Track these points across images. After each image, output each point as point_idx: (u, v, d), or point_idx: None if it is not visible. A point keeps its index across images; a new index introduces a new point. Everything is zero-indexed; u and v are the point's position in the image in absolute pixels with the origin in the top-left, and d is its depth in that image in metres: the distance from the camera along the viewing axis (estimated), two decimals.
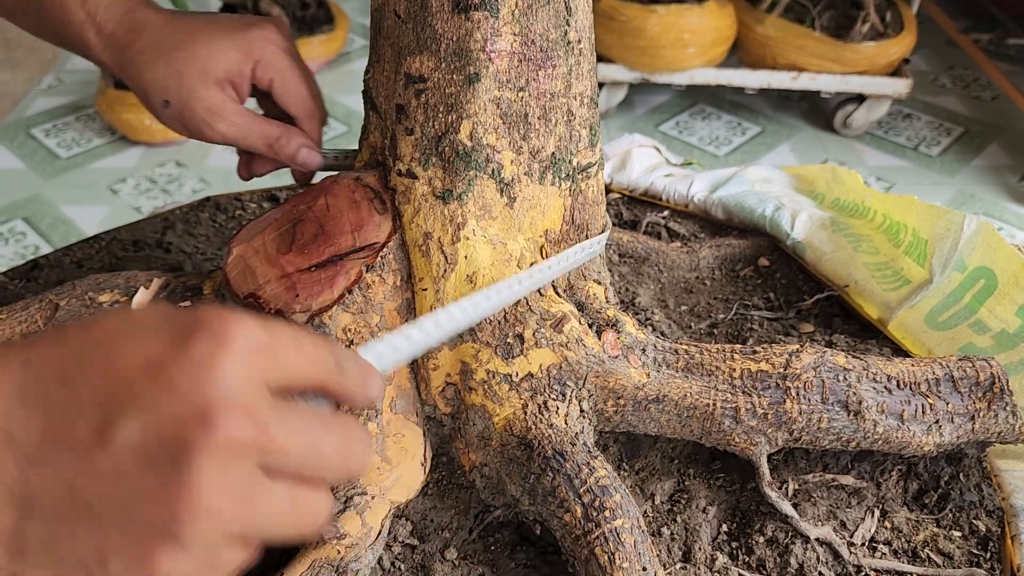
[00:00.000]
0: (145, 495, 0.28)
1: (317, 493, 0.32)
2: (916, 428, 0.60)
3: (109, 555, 0.29)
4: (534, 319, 0.58)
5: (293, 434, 0.31)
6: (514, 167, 0.58)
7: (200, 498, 0.28)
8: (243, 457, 0.29)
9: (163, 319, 0.31)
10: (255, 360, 0.30)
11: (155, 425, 0.28)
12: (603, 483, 0.53)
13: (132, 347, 0.30)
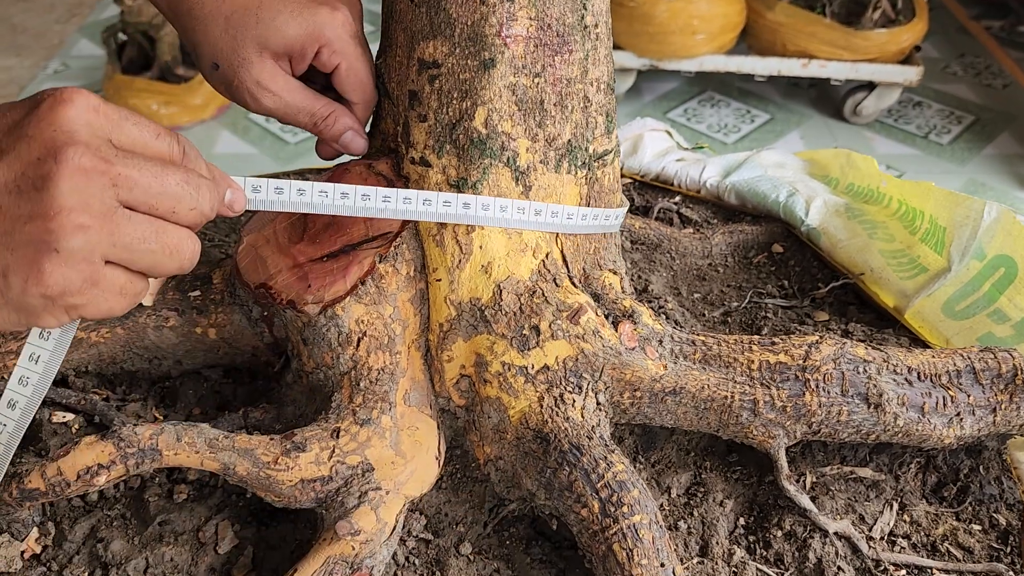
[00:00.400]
0: (23, 219, 0.36)
1: (178, 228, 0.40)
2: (937, 421, 0.59)
3: (10, 275, 0.37)
4: (550, 310, 0.57)
5: (138, 169, 0.38)
6: (529, 155, 0.57)
7: (65, 213, 0.36)
8: (95, 184, 0.37)
9: (19, 101, 0.39)
10: (94, 115, 0.38)
11: (17, 166, 0.36)
12: (621, 478, 0.52)
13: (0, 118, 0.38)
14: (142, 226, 0.39)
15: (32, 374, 0.45)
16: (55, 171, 0.36)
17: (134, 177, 0.38)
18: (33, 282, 0.37)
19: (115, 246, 0.38)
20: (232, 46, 0.55)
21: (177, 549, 0.54)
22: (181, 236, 0.41)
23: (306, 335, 0.57)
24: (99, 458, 0.49)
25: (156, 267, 0.40)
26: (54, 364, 0.45)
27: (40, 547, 0.53)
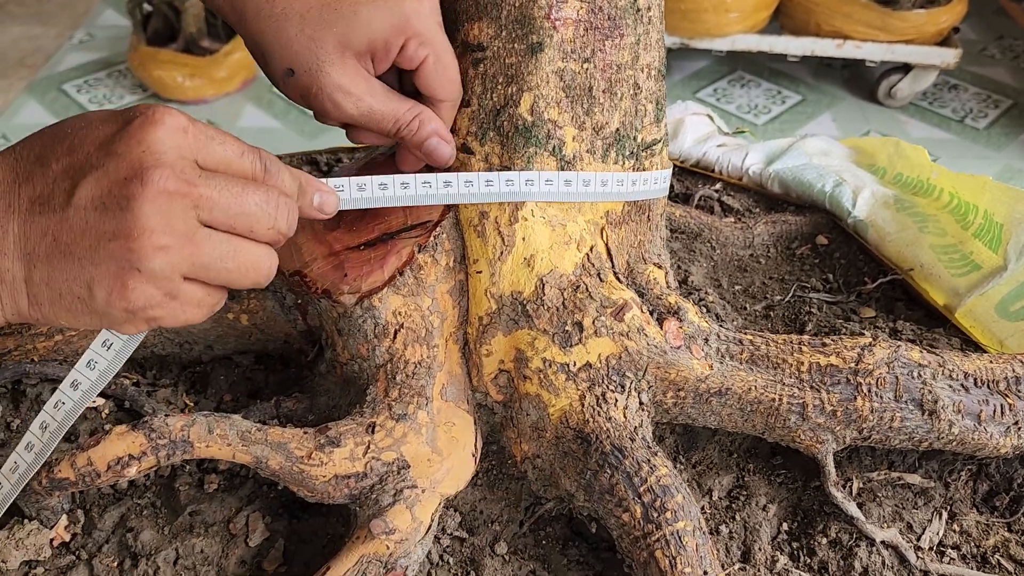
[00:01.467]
0: (107, 236, 0.38)
1: (256, 246, 0.42)
2: (994, 429, 0.57)
3: (94, 287, 0.39)
4: (594, 306, 0.54)
5: (218, 190, 0.40)
6: (576, 144, 0.55)
7: (147, 234, 0.38)
8: (177, 205, 0.38)
9: (112, 113, 0.40)
10: (182, 137, 0.39)
11: (105, 183, 0.38)
12: (664, 482, 0.51)
13: (89, 131, 0.40)
14: (221, 245, 0.40)
15: (85, 380, 0.46)
16: (140, 192, 0.38)
17: (215, 198, 0.40)
18: (117, 296, 0.39)
19: (194, 265, 0.40)
20: (310, 47, 0.49)
21: (207, 540, 0.53)
22: (259, 253, 0.42)
23: (341, 325, 0.55)
24: (130, 449, 0.47)
25: (233, 283, 0.42)
26: (109, 373, 0.46)
27: (69, 535, 0.52)
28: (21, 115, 2.25)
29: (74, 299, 0.39)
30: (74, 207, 0.38)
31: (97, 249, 0.38)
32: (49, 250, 0.38)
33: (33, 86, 2.35)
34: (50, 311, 0.40)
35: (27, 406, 0.61)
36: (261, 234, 0.42)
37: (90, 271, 0.38)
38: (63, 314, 0.40)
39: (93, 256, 0.38)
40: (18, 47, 2.49)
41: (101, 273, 0.38)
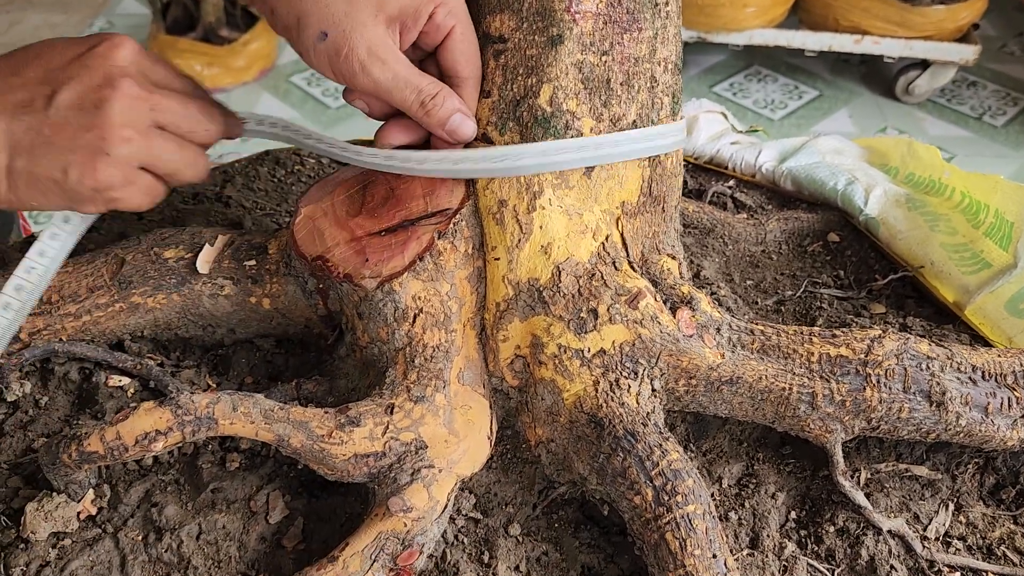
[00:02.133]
0: (83, 128, 0.48)
1: (196, 149, 0.53)
2: (1001, 422, 0.58)
3: (68, 169, 0.49)
4: (609, 294, 0.56)
5: (169, 98, 0.51)
6: (593, 135, 0.56)
7: (116, 127, 0.48)
8: (139, 107, 0.49)
9: (75, 39, 0.51)
10: (139, 57, 0.51)
11: (81, 88, 0.49)
12: (676, 467, 0.52)
13: (59, 50, 0.50)
14: (168, 143, 0.51)
15: (50, 249, 0.56)
16: (111, 95, 0.48)
17: (167, 104, 0.51)
18: (87, 176, 0.49)
19: (149, 156, 0.50)
20: (347, 9, 0.50)
21: (229, 517, 0.54)
22: (197, 152, 0.53)
23: (362, 309, 0.56)
24: (157, 424, 0.49)
25: (176, 174, 0.53)
26: (69, 246, 0.57)
27: (96, 508, 0.54)
28: None
29: (49, 181, 0.49)
30: (55, 107, 0.48)
31: (75, 139, 0.48)
32: (32, 142, 0.48)
33: None
34: (25, 193, 0.50)
35: (55, 384, 0.62)
36: (199, 136, 0.53)
37: (67, 156, 0.48)
38: (36, 195, 0.50)
39: (71, 144, 0.48)
40: (39, 35, 2.51)
41: (76, 158, 0.48)
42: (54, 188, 0.49)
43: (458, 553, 0.54)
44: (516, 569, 0.54)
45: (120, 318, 0.62)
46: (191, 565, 0.52)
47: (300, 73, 2.36)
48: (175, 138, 0.51)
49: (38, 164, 0.49)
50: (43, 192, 0.50)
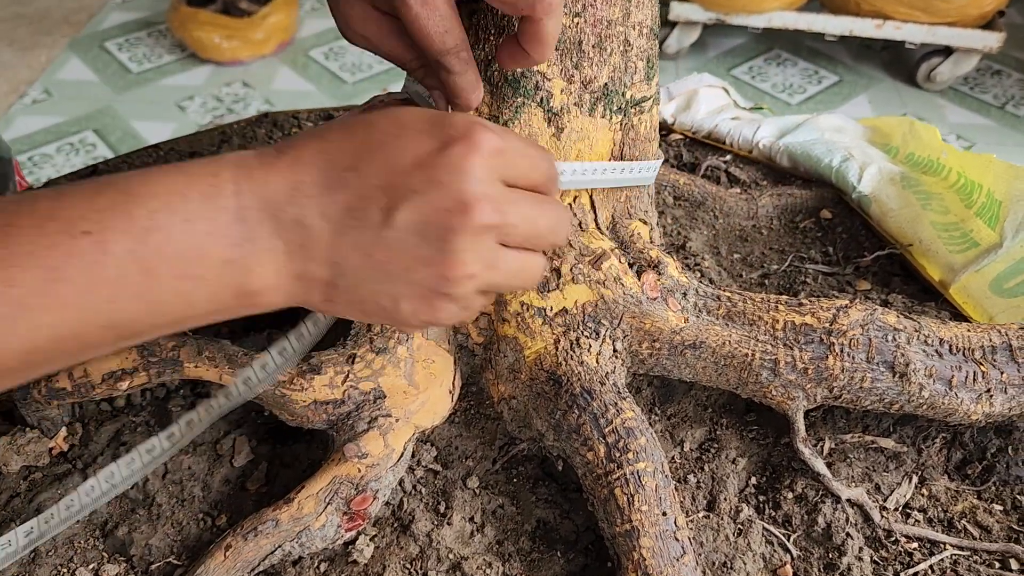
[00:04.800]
0: (423, 262, 0.39)
1: (536, 257, 0.43)
2: (965, 395, 0.58)
3: (401, 302, 0.40)
4: (572, 254, 0.56)
5: (519, 215, 0.41)
6: (564, 96, 0.56)
7: (461, 266, 0.39)
8: (488, 235, 0.40)
9: (427, 123, 0.40)
10: (495, 160, 0.39)
11: (427, 210, 0.38)
12: (629, 425, 0.52)
13: (406, 145, 0.39)
14: (513, 264, 0.42)
15: None
16: (460, 225, 0.38)
17: (518, 225, 0.41)
18: (423, 313, 0.41)
19: (490, 285, 0.42)
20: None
21: (195, 458, 0.56)
22: (538, 261, 0.44)
23: None
24: (123, 364, 0.50)
25: (512, 289, 0.46)
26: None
27: (67, 446, 0.56)
28: (64, 71, 2.32)
29: (376, 307, 0.41)
30: (392, 228, 0.38)
31: (411, 271, 0.39)
32: (359, 264, 0.39)
33: (75, 43, 2.41)
34: (344, 310, 0.42)
35: None
36: (545, 247, 0.44)
37: (400, 288, 0.40)
38: (356, 314, 0.42)
39: (406, 277, 0.39)
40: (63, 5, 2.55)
41: (411, 292, 0.40)
42: (379, 313, 0.41)
43: (415, 502, 0.55)
44: (471, 520, 0.55)
45: None
46: (155, 502, 0.54)
47: (319, 47, 2.38)
48: (520, 255, 0.42)
49: (363, 288, 0.40)
50: (365, 313, 0.42)
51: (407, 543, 0.53)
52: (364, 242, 0.39)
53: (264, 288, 0.40)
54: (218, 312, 0.40)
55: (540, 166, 0.43)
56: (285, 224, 0.39)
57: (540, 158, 0.43)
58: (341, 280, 0.40)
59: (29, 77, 2.28)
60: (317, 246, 0.39)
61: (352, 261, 0.39)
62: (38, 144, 2.07)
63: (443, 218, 0.38)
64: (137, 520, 0.53)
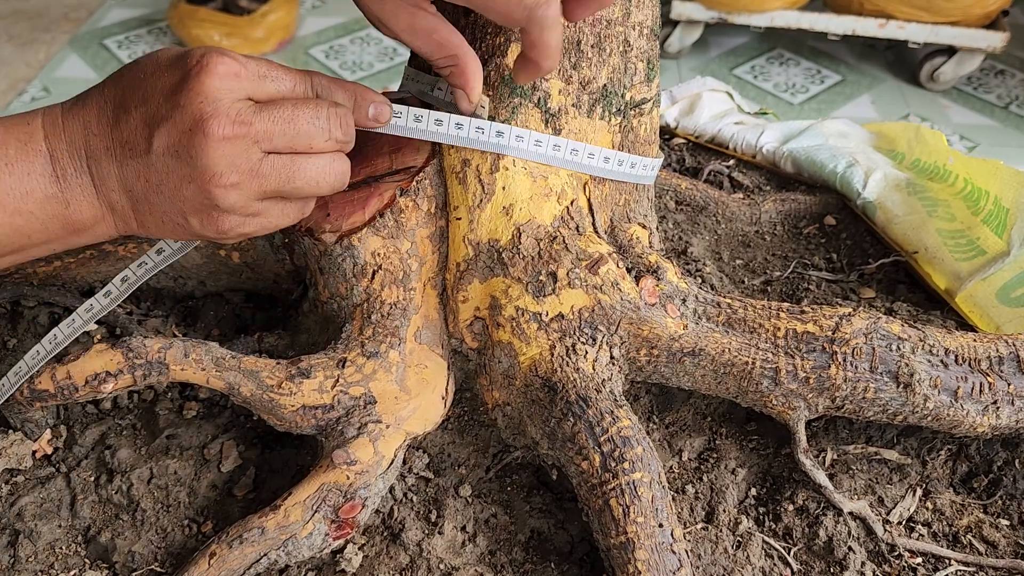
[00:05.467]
0: (185, 179, 0.43)
1: (319, 157, 0.46)
2: (971, 407, 0.56)
3: (188, 217, 0.45)
4: (569, 258, 0.55)
5: (272, 120, 0.44)
6: (562, 97, 0.55)
7: (216, 178, 0.43)
8: (239, 146, 0.43)
9: (174, 58, 0.44)
10: (235, 81, 0.43)
11: (174, 133, 0.43)
12: (625, 434, 0.51)
13: (157, 79, 0.44)
14: (284, 168, 0.45)
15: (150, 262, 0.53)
16: (203, 143, 0.42)
17: (270, 129, 0.44)
18: (208, 226, 0.45)
19: (265, 191, 0.45)
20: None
21: (182, 463, 0.55)
22: (322, 164, 0.46)
23: (322, 264, 0.56)
24: (107, 366, 0.49)
25: (306, 193, 0.46)
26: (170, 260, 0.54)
27: (51, 448, 0.55)
28: (62, 68, 2.31)
29: (174, 224, 0.46)
30: (154, 154, 0.43)
31: (180, 189, 0.44)
32: (144, 188, 0.44)
33: (75, 40, 2.40)
34: (156, 231, 0.47)
35: (24, 327, 0.63)
36: (321, 146, 0.46)
37: (180, 205, 0.44)
38: (168, 233, 0.47)
39: (178, 194, 0.44)
40: (62, 2, 2.54)
41: (189, 208, 0.44)
42: (181, 231, 0.46)
43: (406, 510, 0.54)
44: (463, 529, 0.53)
45: (91, 265, 0.62)
46: (139, 507, 0.52)
47: (319, 45, 2.36)
48: (292, 158, 0.45)
49: (157, 209, 0.45)
50: (172, 232, 0.46)
51: (397, 552, 0.52)
52: (140, 169, 0.44)
53: (87, 219, 0.46)
54: (53, 242, 0.46)
55: (299, 84, 0.46)
56: (85, 160, 0.44)
57: (298, 79, 0.46)
58: (139, 205, 0.45)
59: (28, 74, 2.26)
60: (111, 177, 0.44)
61: (138, 187, 0.44)
62: None
63: (187, 138, 0.42)
64: (120, 526, 0.52)
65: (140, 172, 0.44)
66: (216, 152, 0.43)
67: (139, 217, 0.46)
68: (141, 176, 0.44)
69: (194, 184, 0.43)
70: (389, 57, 2.33)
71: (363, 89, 0.49)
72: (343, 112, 0.47)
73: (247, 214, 0.45)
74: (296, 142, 0.45)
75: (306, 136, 0.45)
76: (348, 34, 2.42)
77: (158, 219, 0.46)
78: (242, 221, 0.46)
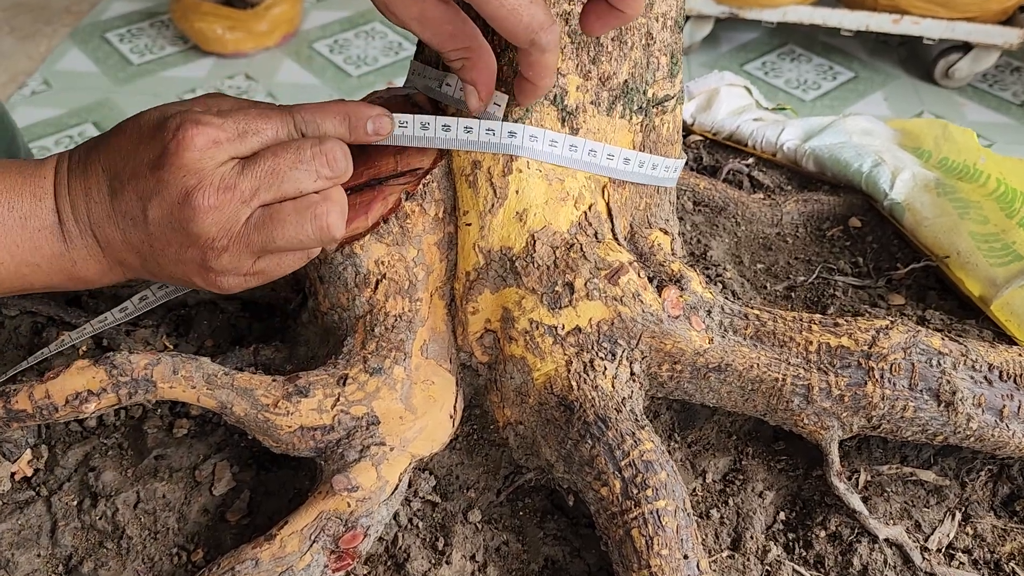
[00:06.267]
0: (184, 245, 0.45)
1: (318, 200, 0.45)
2: (1017, 427, 0.52)
3: (191, 277, 0.47)
4: (587, 267, 0.51)
5: (255, 176, 0.44)
6: (579, 94, 0.51)
7: (209, 243, 0.44)
8: (227, 211, 0.44)
9: (154, 128, 0.45)
10: (215, 150, 0.44)
11: (165, 207, 0.44)
12: (648, 458, 0.47)
13: (144, 151, 0.45)
14: (276, 218, 0.45)
15: None
16: (192, 214, 0.44)
17: (255, 185, 0.44)
18: (210, 284, 0.47)
19: (255, 249, 0.45)
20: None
21: (171, 486, 0.51)
22: (320, 202, 0.45)
23: (322, 272, 0.53)
24: (89, 384, 0.46)
25: (302, 244, 0.46)
26: None
27: (32, 470, 0.51)
28: (64, 61, 2.28)
29: (182, 281, 0.48)
30: (151, 224, 0.45)
31: (181, 254, 0.45)
32: (149, 252, 0.46)
33: (76, 33, 2.37)
34: (168, 282, 0.50)
35: (5, 337, 0.60)
36: (311, 187, 0.45)
37: (183, 268, 0.46)
38: (179, 285, 0.51)
39: (179, 259, 0.46)
40: None
41: (191, 270, 0.46)
42: (191, 286, 0.49)
43: (411, 538, 0.50)
44: (472, 559, 0.50)
45: None
46: (125, 534, 0.49)
47: (323, 39, 2.33)
48: (272, 215, 0.45)
49: (164, 269, 0.47)
50: (184, 285, 0.50)
51: None
52: (142, 237, 0.46)
53: (92, 275, 0.48)
54: (55, 288, 0.49)
55: (281, 130, 0.46)
56: (89, 226, 0.46)
57: (279, 125, 0.46)
58: (147, 264, 0.47)
59: (29, 68, 2.23)
60: (115, 242, 0.46)
61: (144, 251, 0.46)
62: (37, 136, 2.02)
63: (177, 210, 0.44)
64: (104, 555, 0.48)
65: (143, 239, 0.46)
66: (206, 220, 0.44)
67: (150, 271, 0.48)
68: (145, 242, 0.46)
69: (191, 250, 0.45)
70: (394, 52, 2.29)
71: (356, 107, 0.48)
72: (328, 147, 0.46)
73: (243, 274, 0.46)
74: (284, 190, 0.45)
75: (292, 182, 0.45)
76: (353, 28, 2.38)
77: (167, 275, 0.48)
78: (240, 281, 0.47)
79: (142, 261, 0.47)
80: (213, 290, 0.48)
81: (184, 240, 0.45)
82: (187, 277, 0.47)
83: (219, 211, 0.44)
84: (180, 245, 0.45)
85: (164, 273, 0.48)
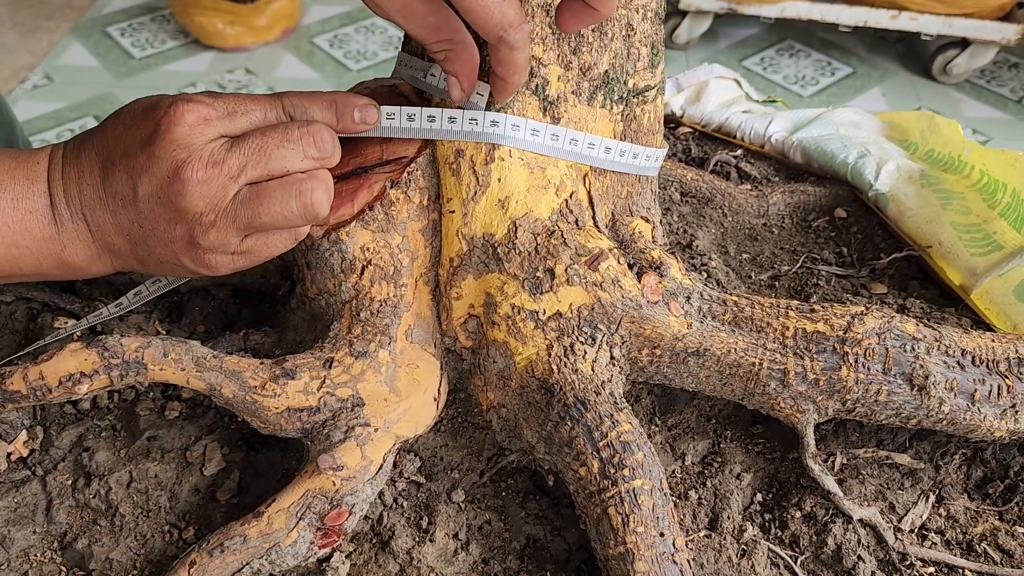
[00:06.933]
0: (172, 221, 0.46)
1: (305, 180, 0.46)
2: (988, 411, 0.54)
3: (180, 257, 0.48)
4: (568, 253, 0.52)
5: (244, 153, 0.46)
6: (560, 84, 0.52)
7: (197, 218, 0.45)
8: (215, 185, 0.45)
9: (147, 108, 0.47)
10: (204, 127, 0.46)
11: (155, 182, 0.45)
12: (625, 439, 0.49)
13: (136, 131, 0.46)
14: (263, 196, 0.46)
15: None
16: (181, 187, 0.45)
17: (243, 163, 0.45)
18: (198, 263, 0.48)
19: (241, 226, 0.46)
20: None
21: (163, 466, 0.52)
22: (308, 184, 0.46)
23: (309, 259, 0.54)
24: (82, 366, 0.47)
25: (286, 222, 0.47)
26: None
27: (27, 450, 0.53)
28: (65, 56, 2.29)
29: (170, 265, 0.48)
30: (140, 201, 0.46)
31: (169, 231, 0.46)
32: (138, 234, 0.47)
33: (78, 28, 2.38)
34: (156, 270, 0.50)
35: (0, 322, 0.61)
36: (297, 167, 0.46)
37: (171, 247, 0.47)
38: (167, 272, 0.50)
39: (168, 237, 0.46)
40: None
41: (179, 249, 0.47)
42: (177, 269, 0.49)
43: (395, 516, 0.51)
44: (455, 536, 0.51)
45: None
46: (118, 513, 0.50)
47: (323, 34, 2.34)
48: (259, 192, 0.46)
49: (153, 252, 0.48)
50: (171, 271, 0.50)
51: (386, 561, 0.50)
52: (132, 217, 0.46)
53: (81, 261, 0.49)
54: (44, 274, 0.50)
55: (270, 112, 0.48)
56: (80, 208, 0.47)
57: (268, 107, 0.48)
58: (137, 248, 0.48)
59: (30, 62, 2.24)
60: (106, 225, 0.47)
61: (134, 233, 0.47)
62: (39, 130, 2.03)
63: (167, 184, 0.45)
64: (98, 532, 0.50)
65: (133, 219, 0.47)
66: (195, 194, 0.45)
67: (139, 257, 0.49)
68: (135, 222, 0.47)
69: (179, 227, 0.46)
70: (394, 47, 2.30)
71: (343, 96, 0.50)
72: (315, 128, 0.47)
73: (231, 252, 0.47)
74: (271, 168, 0.46)
75: (279, 160, 0.46)
76: (353, 23, 2.39)
77: (156, 260, 0.48)
78: (228, 260, 0.48)
79: (132, 245, 0.48)
80: (202, 271, 0.48)
81: (173, 216, 0.45)
82: (176, 258, 0.48)
83: (207, 185, 0.45)
84: (169, 222, 0.46)
85: (153, 257, 0.48)
